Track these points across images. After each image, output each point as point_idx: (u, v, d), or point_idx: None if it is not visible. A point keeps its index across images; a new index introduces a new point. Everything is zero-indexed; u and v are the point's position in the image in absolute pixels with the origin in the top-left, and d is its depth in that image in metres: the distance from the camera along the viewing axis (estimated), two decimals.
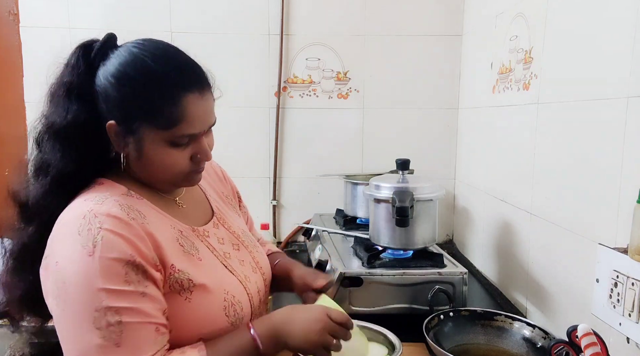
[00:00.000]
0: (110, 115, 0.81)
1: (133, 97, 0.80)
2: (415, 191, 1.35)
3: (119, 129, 0.81)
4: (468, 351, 1.12)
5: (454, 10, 1.96)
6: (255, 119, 2.00)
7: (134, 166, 0.86)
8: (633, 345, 0.88)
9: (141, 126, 0.80)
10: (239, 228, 1.05)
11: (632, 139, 0.90)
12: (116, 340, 0.72)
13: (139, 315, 0.74)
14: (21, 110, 1.92)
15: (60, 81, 0.83)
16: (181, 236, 0.88)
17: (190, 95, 0.81)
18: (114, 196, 0.81)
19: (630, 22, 0.91)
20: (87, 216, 0.76)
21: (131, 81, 0.80)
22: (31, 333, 1.44)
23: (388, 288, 1.30)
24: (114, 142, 0.83)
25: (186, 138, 0.83)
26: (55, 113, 0.82)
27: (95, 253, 0.73)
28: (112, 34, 0.86)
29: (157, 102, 0.79)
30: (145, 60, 0.81)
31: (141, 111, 0.80)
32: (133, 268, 0.75)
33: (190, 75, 0.84)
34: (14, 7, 1.88)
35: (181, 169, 0.86)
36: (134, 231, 0.77)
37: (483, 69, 1.70)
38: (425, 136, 2.03)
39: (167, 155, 0.83)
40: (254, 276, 0.98)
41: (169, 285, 0.81)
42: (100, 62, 0.83)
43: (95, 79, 0.82)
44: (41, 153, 0.83)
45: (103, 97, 0.81)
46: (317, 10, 1.97)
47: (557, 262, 1.19)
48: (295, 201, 2.06)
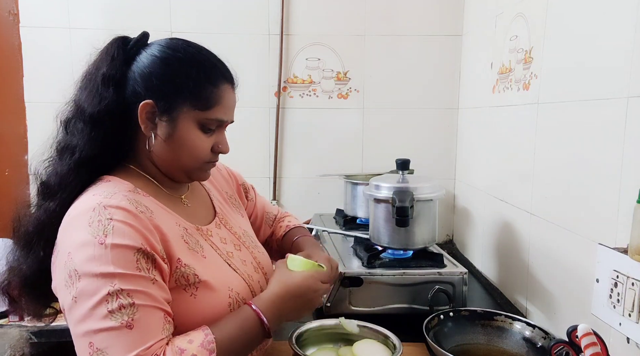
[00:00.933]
0: (148, 94, 0.85)
1: (179, 74, 0.86)
2: (415, 191, 1.34)
3: (154, 109, 0.85)
4: (468, 351, 1.12)
5: (454, 10, 1.96)
6: (255, 119, 2.00)
7: (158, 149, 0.88)
8: (633, 345, 0.88)
9: (180, 104, 0.85)
10: (240, 228, 1.06)
11: (632, 139, 0.90)
12: (129, 322, 0.73)
13: (150, 299, 0.76)
14: (21, 110, 1.92)
15: (98, 70, 0.87)
16: (186, 234, 0.89)
17: (227, 84, 0.91)
18: (122, 192, 0.83)
19: (630, 22, 0.91)
20: (97, 209, 0.78)
21: (178, 61, 0.87)
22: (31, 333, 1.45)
23: (388, 288, 1.30)
24: (144, 123, 0.85)
25: (216, 123, 0.90)
26: (89, 99, 0.85)
27: (106, 241, 0.75)
28: (147, 32, 0.92)
29: (200, 82, 0.86)
30: (189, 48, 0.90)
31: (184, 89, 0.85)
32: (143, 255, 0.77)
33: (227, 69, 0.93)
34: (14, 7, 1.88)
35: (203, 156, 0.90)
36: (143, 223, 0.79)
37: (483, 69, 1.70)
38: (425, 136, 2.03)
39: (196, 138, 0.88)
40: (256, 276, 0.99)
41: (175, 279, 0.83)
42: (136, 55, 0.88)
43: (132, 64, 0.87)
44: (69, 135, 0.87)
45: (143, 77, 0.85)
46: (317, 10, 1.97)
47: (557, 262, 1.19)
48: (295, 201, 2.06)
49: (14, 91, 1.91)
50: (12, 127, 1.93)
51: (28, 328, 1.45)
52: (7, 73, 1.91)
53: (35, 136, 1.92)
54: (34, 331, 1.44)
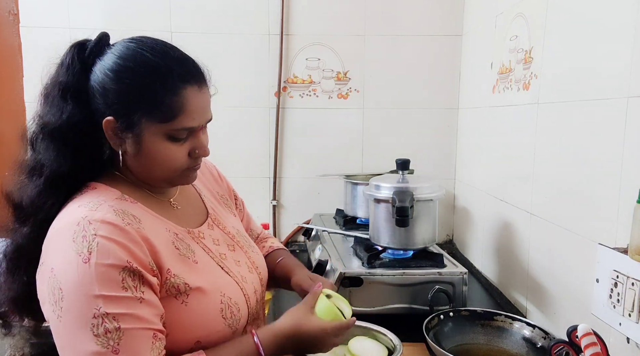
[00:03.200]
0: (108, 111, 0.79)
1: (133, 89, 0.79)
2: (415, 191, 1.35)
3: (117, 125, 0.80)
4: (468, 351, 1.12)
5: (454, 10, 1.96)
6: (255, 119, 2.00)
7: (131, 163, 0.85)
8: (633, 345, 0.88)
9: (141, 119, 0.79)
10: (233, 228, 1.03)
11: (632, 139, 0.90)
12: (114, 346, 0.71)
13: (137, 321, 0.73)
14: (21, 110, 1.92)
15: (55, 81, 0.82)
16: (177, 239, 0.87)
17: (190, 88, 0.82)
18: (108, 202, 0.80)
19: (631, 22, 0.91)
20: (82, 223, 0.75)
21: (131, 73, 0.80)
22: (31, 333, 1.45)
23: (388, 288, 1.30)
24: (111, 139, 0.81)
25: (185, 132, 0.83)
26: (50, 113, 0.81)
27: (91, 259, 0.72)
28: (106, 33, 0.86)
29: (157, 93, 0.79)
30: (144, 53, 0.81)
31: (141, 104, 0.79)
32: (130, 274, 0.74)
33: (190, 68, 0.84)
34: (14, 7, 1.88)
35: (179, 165, 0.85)
36: (130, 237, 0.76)
37: (483, 69, 1.70)
38: (425, 136, 2.03)
39: (166, 150, 0.82)
40: (250, 277, 0.97)
41: (165, 290, 0.80)
42: (96, 60, 0.82)
43: (90, 77, 0.81)
44: (35, 153, 0.82)
45: (100, 93, 0.80)
46: (317, 11, 1.97)
47: (557, 262, 1.19)
48: (295, 201, 2.06)
49: (14, 91, 1.91)
50: (12, 127, 1.93)
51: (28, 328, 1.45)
52: (7, 73, 1.91)
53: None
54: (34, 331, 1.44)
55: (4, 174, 0.91)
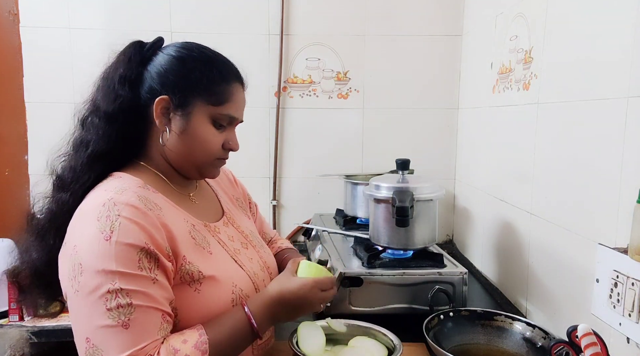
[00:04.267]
0: (163, 90, 0.89)
1: (193, 71, 0.90)
2: (415, 191, 1.34)
3: (169, 104, 0.89)
4: (468, 351, 1.12)
5: (454, 10, 1.96)
6: (255, 119, 2.00)
7: (171, 143, 0.91)
8: (633, 345, 0.88)
9: (195, 98, 0.90)
10: (247, 228, 1.08)
11: (632, 140, 0.90)
12: (125, 321, 0.75)
13: (148, 300, 0.77)
14: (21, 110, 1.92)
15: (115, 70, 0.91)
16: (193, 230, 0.91)
17: (238, 83, 0.96)
18: (132, 188, 0.85)
19: (631, 22, 0.91)
20: (107, 204, 0.80)
21: (192, 58, 0.92)
22: (31, 333, 1.45)
23: (388, 288, 1.30)
24: (159, 117, 0.89)
25: (227, 119, 0.94)
26: (105, 98, 0.90)
27: (112, 237, 0.77)
28: (162, 37, 0.98)
29: (214, 78, 0.91)
30: (203, 48, 0.96)
31: (199, 84, 0.90)
32: (146, 255, 0.79)
33: (237, 69, 0.98)
34: (14, 7, 1.88)
35: (214, 151, 0.93)
36: (150, 221, 0.81)
37: (483, 69, 1.70)
38: (425, 136, 2.03)
39: (209, 131, 0.92)
40: (262, 274, 1.01)
41: (180, 276, 0.85)
42: (153, 56, 0.93)
43: (148, 66, 0.91)
44: (84, 132, 0.91)
45: (159, 75, 0.90)
46: (317, 10, 1.97)
47: (557, 262, 1.19)
48: (295, 201, 2.06)
49: (14, 91, 1.91)
50: (12, 127, 1.93)
51: (28, 328, 1.45)
52: (7, 73, 1.91)
53: (35, 136, 1.92)
54: (34, 331, 1.44)
55: (4, 173, 0.95)
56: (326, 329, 1.07)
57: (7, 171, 1.94)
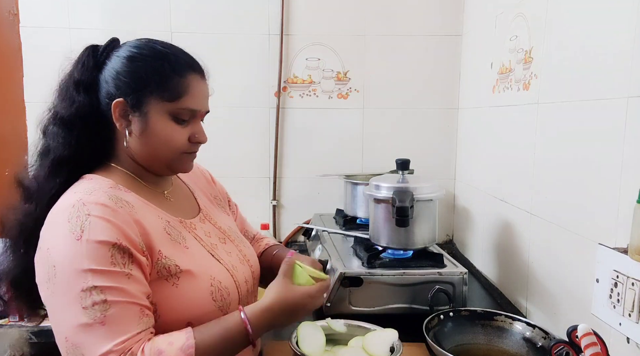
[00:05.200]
0: (118, 93, 0.88)
1: (143, 70, 0.89)
2: (415, 191, 1.34)
3: (126, 106, 0.88)
4: (468, 351, 1.12)
5: (454, 10, 1.96)
6: (255, 119, 2.00)
7: (134, 145, 0.90)
8: (633, 345, 0.88)
9: (149, 98, 0.88)
10: (225, 224, 1.07)
11: (632, 140, 0.90)
12: (101, 318, 0.75)
13: (123, 295, 0.77)
14: (21, 110, 1.92)
15: (70, 76, 0.92)
16: (168, 226, 0.91)
17: (194, 74, 0.92)
18: (102, 188, 0.85)
19: (631, 22, 0.91)
20: (76, 205, 0.80)
21: (142, 57, 0.90)
22: (31, 333, 1.45)
23: (388, 288, 1.30)
24: (117, 120, 0.89)
25: (188, 113, 0.91)
26: (62, 104, 0.90)
27: (83, 237, 0.77)
28: (117, 38, 0.96)
29: (166, 74, 0.89)
30: (154, 44, 0.93)
31: (150, 83, 0.88)
32: (119, 250, 0.79)
33: (193, 59, 0.94)
34: (14, 7, 1.88)
35: (180, 146, 0.92)
36: (121, 217, 0.81)
37: (483, 69, 1.70)
38: (425, 136, 2.03)
39: (169, 128, 0.90)
40: (242, 267, 1.00)
41: (156, 271, 0.85)
42: (107, 59, 0.92)
43: (102, 70, 0.91)
44: (45, 140, 0.91)
45: (112, 78, 0.89)
46: (317, 10, 1.97)
47: (557, 262, 1.19)
48: (295, 201, 2.06)
49: (14, 91, 1.91)
50: (12, 127, 1.93)
51: (28, 328, 1.45)
52: (7, 73, 1.91)
53: (35, 136, 1.92)
54: (34, 331, 1.44)
55: (4, 173, 0.95)
56: (326, 329, 1.07)
57: (7, 171, 1.94)
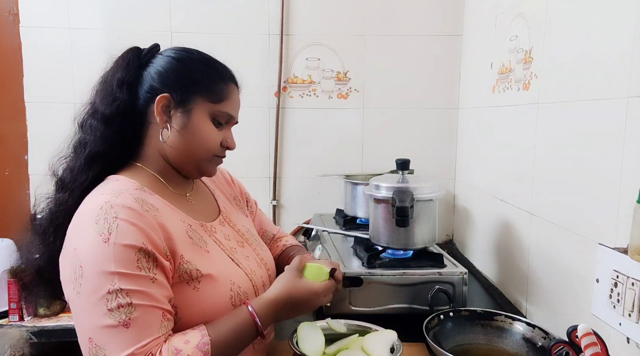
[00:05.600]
0: (165, 89, 0.92)
1: (193, 71, 0.95)
2: (415, 191, 1.34)
3: (171, 101, 0.92)
4: (468, 351, 1.12)
5: (454, 10, 1.96)
6: (255, 119, 2.00)
7: (172, 140, 0.93)
8: (633, 345, 0.88)
9: (195, 96, 0.93)
10: (243, 227, 1.10)
11: (632, 139, 0.90)
12: (126, 321, 0.77)
13: (148, 299, 0.79)
14: (21, 110, 1.92)
15: (113, 74, 0.95)
16: (190, 229, 0.93)
17: (234, 84, 1.00)
18: (129, 191, 0.87)
19: (631, 22, 0.91)
20: (104, 207, 0.82)
21: (192, 60, 0.97)
22: (31, 333, 1.45)
23: (388, 288, 1.30)
24: (160, 115, 0.92)
25: (225, 117, 0.97)
26: (103, 101, 0.93)
27: (110, 239, 0.79)
28: (158, 43, 1.01)
29: (213, 78, 0.96)
30: (200, 51, 1.00)
31: (199, 83, 0.94)
32: (145, 255, 0.81)
33: (233, 72, 1.02)
34: (14, 7, 1.89)
35: (212, 148, 0.97)
36: (147, 222, 0.83)
37: (483, 69, 1.70)
38: (425, 136, 2.03)
39: (208, 128, 0.95)
40: (259, 271, 1.03)
41: (178, 275, 0.86)
42: (151, 59, 0.96)
43: (147, 69, 0.95)
44: (83, 134, 0.94)
45: (159, 74, 0.93)
46: (317, 10, 1.97)
47: (557, 262, 1.19)
48: (295, 201, 2.06)
49: (14, 91, 1.91)
50: (12, 127, 1.93)
51: (28, 328, 1.45)
52: (7, 73, 1.91)
53: (35, 136, 1.92)
54: (34, 331, 1.44)
55: (4, 173, 0.97)
56: (326, 329, 1.07)
57: (7, 171, 1.94)
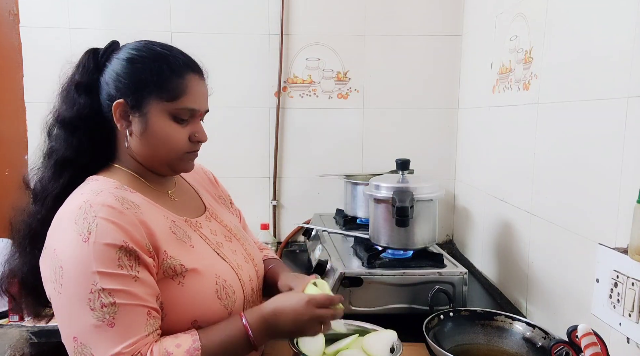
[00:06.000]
0: (119, 94, 0.89)
1: (143, 71, 0.90)
2: (415, 191, 1.35)
3: (126, 107, 0.89)
4: (468, 351, 1.12)
5: (454, 10, 1.96)
6: (255, 119, 2.00)
7: (136, 145, 0.91)
8: (633, 345, 0.88)
9: (149, 98, 0.89)
10: (231, 222, 1.08)
11: (632, 140, 0.90)
12: (109, 320, 0.76)
13: (131, 298, 0.78)
14: (21, 110, 1.92)
15: (71, 79, 0.93)
16: (174, 225, 0.92)
17: (193, 74, 0.93)
18: (108, 189, 0.86)
19: (631, 22, 0.91)
20: (83, 207, 0.81)
21: (142, 59, 0.91)
22: (31, 333, 1.45)
23: (388, 288, 1.30)
24: (118, 121, 0.90)
25: (187, 113, 0.92)
26: (64, 107, 0.92)
27: (90, 239, 0.78)
28: (116, 41, 0.97)
29: (165, 75, 0.90)
30: (153, 46, 0.94)
31: (150, 83, 0.89)
32: (126, 253, 0.80)
33: (192, 60, 0.96)
34: (14, 7, 1.89)
35: (180, 146, 0.93)
36: (128, 219, 0.82)
37: (483, 69, 1.70)
38: (425, 136, 2.03)
39: (170, 128, 0.91)
40: (246, 266, 1.01)
41: (162, 271, 0.85)
42: (107, 62, 0.93)
43: (103, 72, 0.92)
44: (49, 141, 0.93)
45: (113, 79, 0.90)
46: (317, 10, 1.97)
47: (557, 262, 1.19)
48: (295, 201, 2.06)
49: (14, 91, 1.91)
50: (12, 127, 1.93)
51: (28, 328, 1.45)
52: (7, 73, 1.91)
53: (35, 136, 1.92)
54: (34, 331, 1.44)
55: (4, 173, 0.97)
56: None
57: (7, 171, 1.94)
